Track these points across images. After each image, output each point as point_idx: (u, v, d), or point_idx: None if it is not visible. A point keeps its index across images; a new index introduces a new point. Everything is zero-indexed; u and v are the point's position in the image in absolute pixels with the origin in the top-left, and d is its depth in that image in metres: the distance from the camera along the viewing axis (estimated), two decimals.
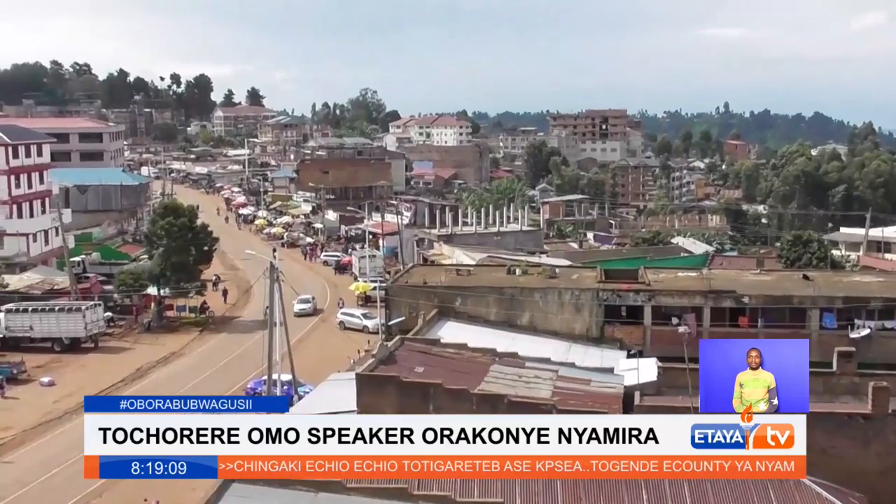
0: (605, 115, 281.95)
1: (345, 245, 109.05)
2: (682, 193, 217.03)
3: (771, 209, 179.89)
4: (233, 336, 68.43)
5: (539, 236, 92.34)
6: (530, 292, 48.07)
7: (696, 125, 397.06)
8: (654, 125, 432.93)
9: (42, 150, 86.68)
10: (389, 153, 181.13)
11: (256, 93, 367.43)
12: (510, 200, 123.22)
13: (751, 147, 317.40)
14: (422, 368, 35.42)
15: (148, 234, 78.85)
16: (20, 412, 50.49)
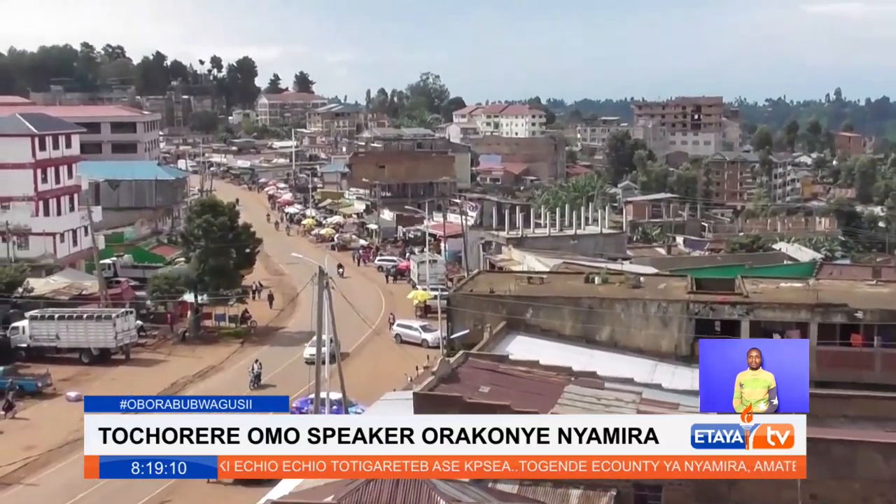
0: (697, 102, 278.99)
1: (402, 248, 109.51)
2: (786, 192, 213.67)
3: (889, 211, 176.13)
4: (277, 349, 69.12)
5: (621, 240, 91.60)
6: (611, 304, 47.76)
7: (802, 114, 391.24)
8: (753, 115, 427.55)
9: (71, 141, 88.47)
10: (453, 145, 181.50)
11: (305, 78, 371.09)
12: (589, 199, 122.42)
13: (866, 140, 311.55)
14: (488, 388, 35.35)
15: (184, 235, 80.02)
16: (45, 429, 51.60)
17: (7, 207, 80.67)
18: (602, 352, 45.68)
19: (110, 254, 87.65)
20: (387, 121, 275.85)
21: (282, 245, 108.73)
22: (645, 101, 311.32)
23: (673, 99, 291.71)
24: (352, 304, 58.61)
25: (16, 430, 51.73)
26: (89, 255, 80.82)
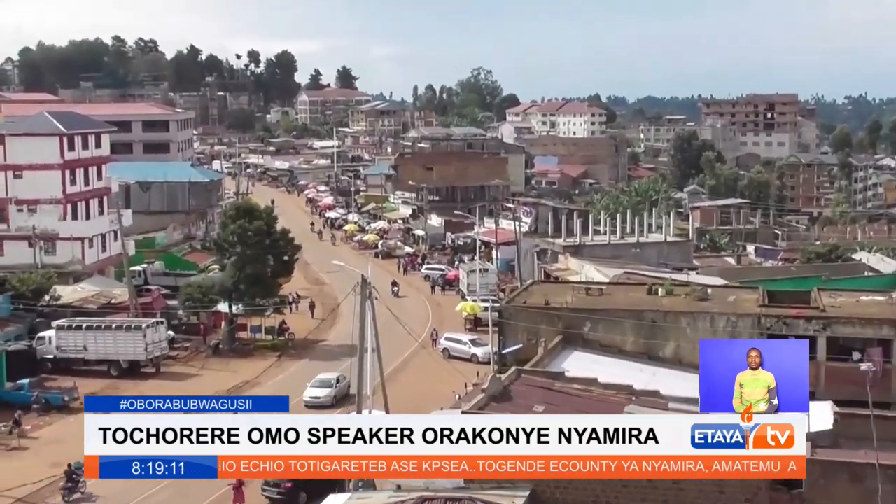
0: (770, 100, 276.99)
1: (451, 256, 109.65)
2: (867, 198, 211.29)
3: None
4: (316, 363, 69.40)
5: (687, 249, 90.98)
6: (676, 317, 47.50)
7: (885, 113, 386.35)
8: (832, 113, 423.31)
9: (101, 141, 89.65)
10: (506, 146, 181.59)
11: (348, 73, 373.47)
12: (652, 204, 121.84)
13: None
14: (542, 407, 35.31)
15: (218, 241, 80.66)
16: (71, 446, 52.12)
17: (34, 210, 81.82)
18: (666, 369, 45.39)
19: (140, 260, 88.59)
20: (435, 119, 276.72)
21: (322, 252, 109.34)
22: (714, 98, 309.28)
23: (744, 96, 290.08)
24: (396, 315, 58.75)
25: (42, 446, 52.49)
26: (119, 262, 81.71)
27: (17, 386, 59.90)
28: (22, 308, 70.09)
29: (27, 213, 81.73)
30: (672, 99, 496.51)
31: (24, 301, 70.18)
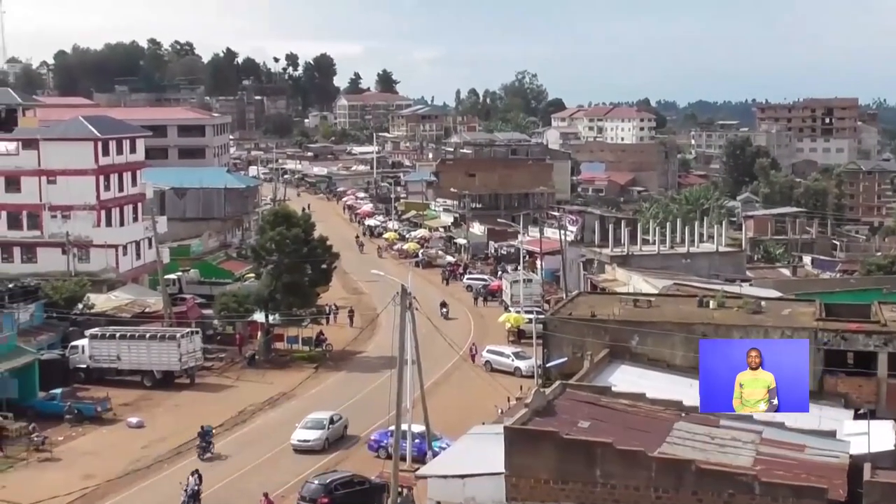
0: (829, 105, 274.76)
1: (493, 266, 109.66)
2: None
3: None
4: (354, 375, 69.75)
5: (740, 259, 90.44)
6: (728, 331, 47.16)
7: None
8: (894, 118, 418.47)
9: (136, 146, 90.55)
10: (551, 152, 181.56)
11: (389, 77, 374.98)
12: (703, 213, 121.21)
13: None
14: (587, 423, 35.23)
15: (255, 249, 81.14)
16: (104, 458, 52.87)
17: (68, 217, 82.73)
18: None
19: (175, 268, 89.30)
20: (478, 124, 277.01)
21: (361, 261, 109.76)
22: (768, 102, 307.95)
23: (801, 101, 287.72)
24: (438, 326, 58.94)
25: (74, 457, 53.09)
26: (153, 270, 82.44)
27: (49, 396, 60.64)
28: (55, 316, 70.95)
29: (61, 220, 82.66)
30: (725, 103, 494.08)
31: (57, 309, 71.01)
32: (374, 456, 51.84)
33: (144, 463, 51.88)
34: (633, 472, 31.58)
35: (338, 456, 53.14)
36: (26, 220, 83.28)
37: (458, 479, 37.44)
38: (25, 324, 68.17)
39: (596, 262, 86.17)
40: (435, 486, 38.39)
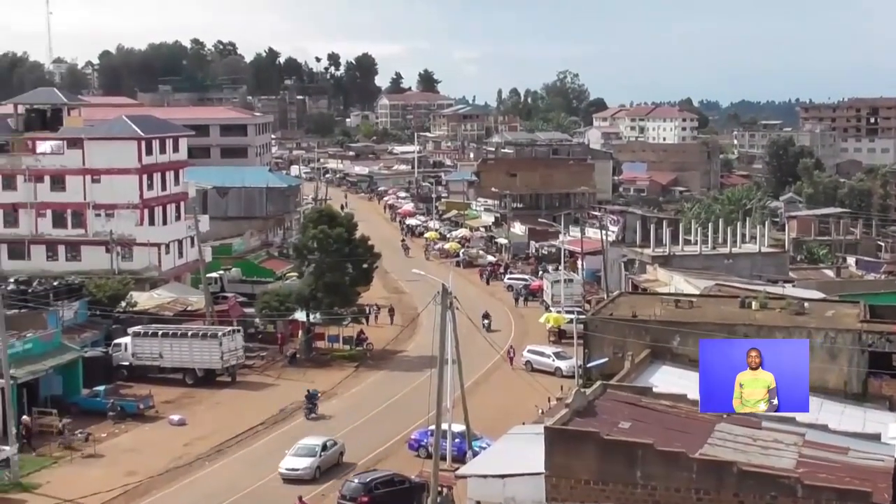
0: (874, 104, 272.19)
1: (534, 266, 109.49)
2: None
3: None
4: (395, 374, 69.90)
5: (783, 260, 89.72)
6: (770, 332, 46.84)
7: None
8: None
9: (178, 145, 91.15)
10: (592, 152, 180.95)
11: (430, 76, 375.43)
12: (746, 213, 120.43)
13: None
14: (628, 424, 35.11)
15: (297, 248, 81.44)
16: (146, 455, 53.31)
17: (111, 215, 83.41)
18: None
19: (217, 267, 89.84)
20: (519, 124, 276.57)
21: (402, 260, 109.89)
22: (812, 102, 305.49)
23: (845, 100, 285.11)
24: (478, 326, 58.92)
25: (117, 454, 53.54)
26: (195, 268, 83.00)
27: (93, 393, 61.24)
28: (98, 314, 71.64)
29: (105, 218, 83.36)
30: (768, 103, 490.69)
31: (100, 307, 71.69)
32: (414, 455, 51.89)
33: (186, 460, 52.28)
34: (674, 473, 31.44)
35: (378, 454, 53.19)
36: (71, 219, 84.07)
37: (498, 479, 37.46)
38: (70, 321, 68.96)
39: (637, 263, 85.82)
40: (475, 486, 38.42)
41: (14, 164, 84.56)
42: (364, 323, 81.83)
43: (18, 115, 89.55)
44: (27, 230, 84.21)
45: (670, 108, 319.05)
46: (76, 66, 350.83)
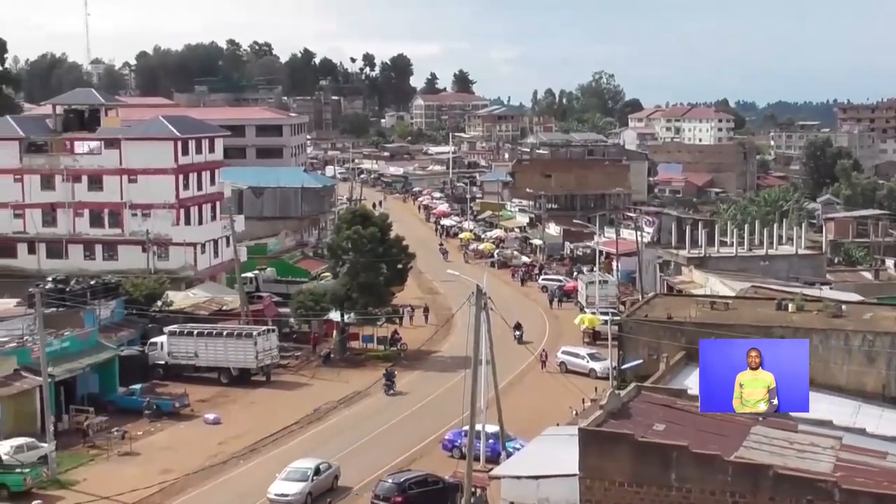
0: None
1: (569, 267, 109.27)
2: None
3: None
4: (429, 375, 69.93)
5: (820, 262, 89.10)
6: (807, 335, 46.51)
7: None
8: None
9: (214, 145, 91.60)
10: (628, 153, 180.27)
11: (465, 77, 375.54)
12: (783, 215, 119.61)
13: None
14: (663, 426, 34.96)
15: (331, 248, 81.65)
16: (182, 453, 53.65)
17: (148, 215, 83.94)
18: None
19: (252, 266, 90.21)
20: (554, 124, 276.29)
21: (436, 261, 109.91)
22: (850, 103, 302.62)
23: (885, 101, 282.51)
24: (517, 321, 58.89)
25: (153, 452, 53.92)
26: (230, 268, 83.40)
27: (129, 391, 61.72)
28: (135, 313, 72.15)
29: (141, 218, 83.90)
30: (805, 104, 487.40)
31: (136, 306, 72.19)
32: (447, 455, 51.90)
33: (220, 459, 52.56)
34: (710, 476, 31.26)
35: (412, 454, 53.25)
36: (108, 219, 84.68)
37: (532, 480, 37.44)
38: (106, 320, 69.51)
39: (672, 264, 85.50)
40: (508, 487, 38.42)
41: (53, 164, 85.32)
42: (398, 323, 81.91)
43: (57, 115, 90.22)
44: (65, 230, 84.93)
45: (706, 108, 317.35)
46: (114, 67, 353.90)
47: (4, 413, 54.02)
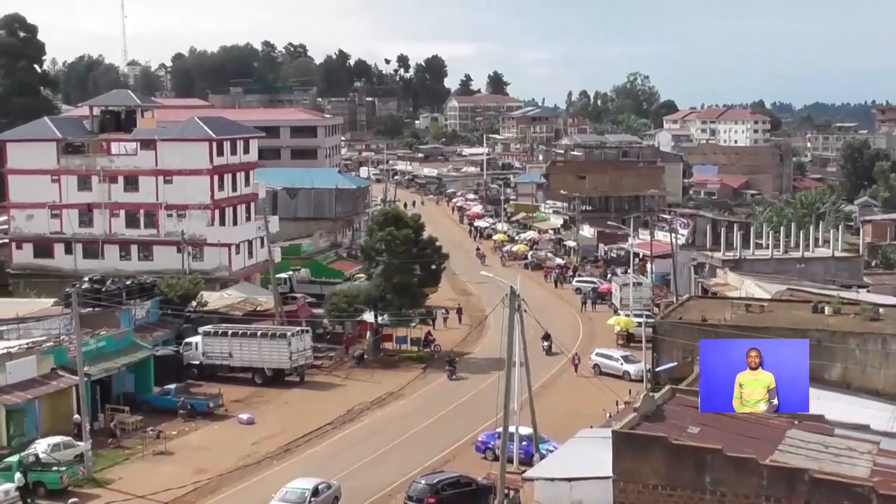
0: None
1: (603, 269, 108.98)
2: None
3: None
4: (462, 376, 69.85)
5: (857, 265, 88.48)
6: (844, 338, 46.33)
7: None
8: None
9: (249, 147, 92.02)
10: (662, 154, 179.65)
11: (499, 78, 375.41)
12: (819, 217, 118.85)
13: None
14: (697, 429, 34.82)
15: (365, 249, 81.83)
16: (216, 453, 53.93)
17: (183, 216, 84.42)
18: (832, 393, 44.26)
19: (286, 267, 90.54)
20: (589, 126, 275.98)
21: (469, 262, 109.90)
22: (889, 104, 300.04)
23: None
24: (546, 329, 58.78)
25: (187, 452, 54.21)
26: (265, 269, 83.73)
27: (164, 391, 62.08)
28: (170, 313, 72.56)
29: (176, 219, 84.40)
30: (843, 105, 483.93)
31: (171, 306, 72.59)
32: (481, 457, 51.86)
33: (254, 459, 52.79)
34: (744, 479, 31.12)
35: (445, 456, 53.26)
36: (143, 219, 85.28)
37: (565, 483, 37.35)
38: (141, 320, 69.95)
39: (707, 266, 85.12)
40: (541, 489, 38.34)
41: (89, 165, 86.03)
42: (431, 325, 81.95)
43: (94, 116, 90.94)
44: (101, 230, 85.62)
45: (742, 110, 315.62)
46: (150, 69, 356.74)
47: (41, 412, 54.58)
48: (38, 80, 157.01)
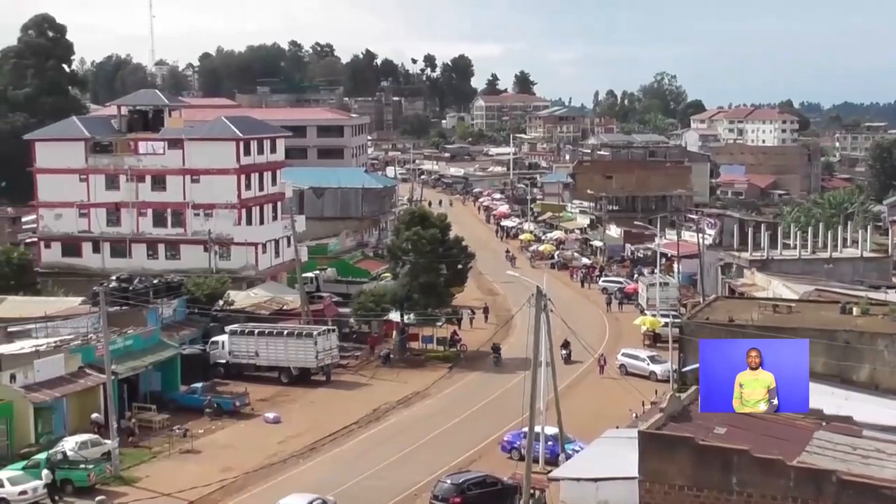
0: None
1: (629, 269, 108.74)
2: None
3: None
4: (488, 376, 69.85)
5: (886, 265, 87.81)
6: (872, 339, 45.98)
7: None
8: None
9: (276, 146, 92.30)
10: (690, 154, 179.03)
11: (526, 78, 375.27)
12: (847, 218, 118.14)
13: None
14: (724, 429, 34.68)
15: (391, 248, 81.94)
16: (242, 451, 54.12)
17: (210, 215, 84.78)
18: (860, 394, 43.97)
19: (313, 266, 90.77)
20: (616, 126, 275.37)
21: (496, 262, 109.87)
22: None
23: None
24: (573, 329, 58.65)
25: (214, 450, 54.44)
26: (291, 268, 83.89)
27: (190, 390, 62.35)
28: (197, 312, 72.89)
29: (203, 218, 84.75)
30: (872, 105, 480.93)
31: (198, 305, 72.91)
32: (506, 457, 51.82)
33: (280, 458, 52.95)
34: (771, 480, 30.96)
35: (471, 455, 53.25)
36: (171, 218, 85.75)
37: (591, 483, 37.30)
38: (168, 319, 70.31)
39: (734, 267, 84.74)
40: (567, 489, 38.30)
41: (117, 164, 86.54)
42: (457, 325, 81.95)
43: (122, 116, 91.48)
44: (129, 229, 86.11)
45: (770, 110, 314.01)
46: (177, 68, 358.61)
47: (69, 410, 54.94)
48: (67, 79, 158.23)
